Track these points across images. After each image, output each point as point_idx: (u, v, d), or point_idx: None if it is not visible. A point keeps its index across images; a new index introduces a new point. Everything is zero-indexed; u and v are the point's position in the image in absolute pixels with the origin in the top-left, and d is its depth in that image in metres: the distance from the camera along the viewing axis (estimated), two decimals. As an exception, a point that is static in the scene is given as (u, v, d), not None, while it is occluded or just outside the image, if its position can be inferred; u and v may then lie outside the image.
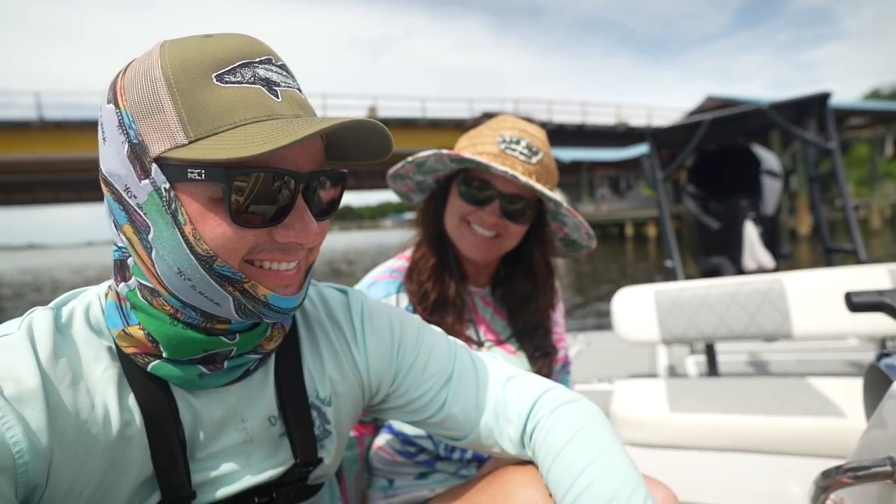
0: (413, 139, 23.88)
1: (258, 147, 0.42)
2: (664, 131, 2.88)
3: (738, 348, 3.20)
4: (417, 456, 0.98)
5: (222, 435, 0.57)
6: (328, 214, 0.55)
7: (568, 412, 0.63)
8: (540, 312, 1.07)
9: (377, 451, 1.01)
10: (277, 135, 0.43)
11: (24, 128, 20.34)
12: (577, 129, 28.95)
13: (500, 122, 0.99)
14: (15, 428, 0.43)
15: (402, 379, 0.69)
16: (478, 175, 0.95)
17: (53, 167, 26.42)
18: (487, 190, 0.94)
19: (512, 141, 0.94)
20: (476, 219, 0.96)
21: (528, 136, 0.96)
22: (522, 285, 1.06)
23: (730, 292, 1.88)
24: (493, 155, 0.93)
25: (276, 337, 0.60)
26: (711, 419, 1.50)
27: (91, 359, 0.51)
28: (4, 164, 24.59)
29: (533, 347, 1.04)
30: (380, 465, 1.01)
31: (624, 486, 0.53)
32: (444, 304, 1.00)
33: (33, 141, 20.51)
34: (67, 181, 33.62)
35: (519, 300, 1.06)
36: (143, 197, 0.47)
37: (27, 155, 21.65)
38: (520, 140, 0.95)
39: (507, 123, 0.98)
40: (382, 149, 0.55)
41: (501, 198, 0.94)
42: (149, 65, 0.47)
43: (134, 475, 0.51)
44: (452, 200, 1.00)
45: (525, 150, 0.94)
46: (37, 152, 21.18)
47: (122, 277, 0.53)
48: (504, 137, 0.94)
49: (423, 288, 1.00)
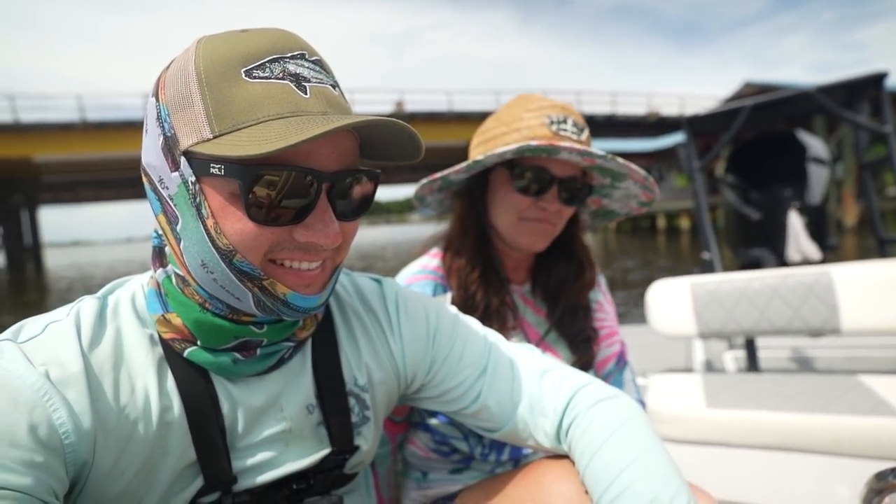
0: (440, 133, 23.85)
1: (271, 144, 0.42)
2: (701, 119, 2.78)
3: (780, 343, 3.08)
4: (451, 455, 0.96)
5: (261, 423, 0.58)
6: (357, 215, 0.54)
7: (607, 408, 0.62)
8: (582, 292, 1.02)
9: (411, 447, 1.00)
10: (294, 132, 0.42)
11: (68, 129, 21.29)
12: (607, 120, 28.35)
13: (534, 103, 0.93)
14: (60, 410, 0.45)
15: (438, 369, 0.69)
16: (531, 163, 0.89)
17: (95, 167, 27.61)
18: (544, 177, 0.89)
19: (560, 121, 0.89)
20: (535, 210, 0.91)
21: (570, 114, 0.91)
22: (563, 268, 1.02)
23: (772, 285, 1.81)
24: (548, 138, 0.88)
25: (309, 325, 0.60)
26: (751, 416, 1.45)
27: (133, 345, 0.52)
28: (50, 165, 25.84)
29: (574, 332, 0.99)
30: (414, 459, 1.00)
31: (666, 489, 0.52)
32: (490, 313, 0.96)
33: (76, 142, 21.45)
34: (108, 180, 35.04)
35: (559, 283, 1.01)
36: (173, 189, 0.48)
37: (71, 155, 22.71)
38: (566, 118, 0.90)
39: (544, 103, 0.93)
40: (413, 149, 0.53)
41: (559, 183, 0.89)
42: (185, 60, 0.48)
43: (175, 459, 0.52)
44: (503, 196, 0.93)
45: (573, 127, 0.90)
46: (79, 152, 22.17)
47: (161, 264, 0.55)
48: (552, 118, 0.89)
49: (471, 300, 0.95)
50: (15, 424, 0.42)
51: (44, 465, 0.43)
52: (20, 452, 0.42)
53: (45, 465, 0.43)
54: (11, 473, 0.41)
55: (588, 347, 1.00)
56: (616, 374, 1.06)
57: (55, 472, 0.44)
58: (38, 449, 0.43)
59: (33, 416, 0.43)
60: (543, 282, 1.03)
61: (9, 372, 0.44)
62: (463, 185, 1.00)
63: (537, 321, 1.02)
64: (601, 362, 1.04)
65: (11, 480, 0.41)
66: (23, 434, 0.42)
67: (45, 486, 0.43)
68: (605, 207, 1.04)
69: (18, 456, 0.42)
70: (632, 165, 0.87)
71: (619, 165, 0.87)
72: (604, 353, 1.04)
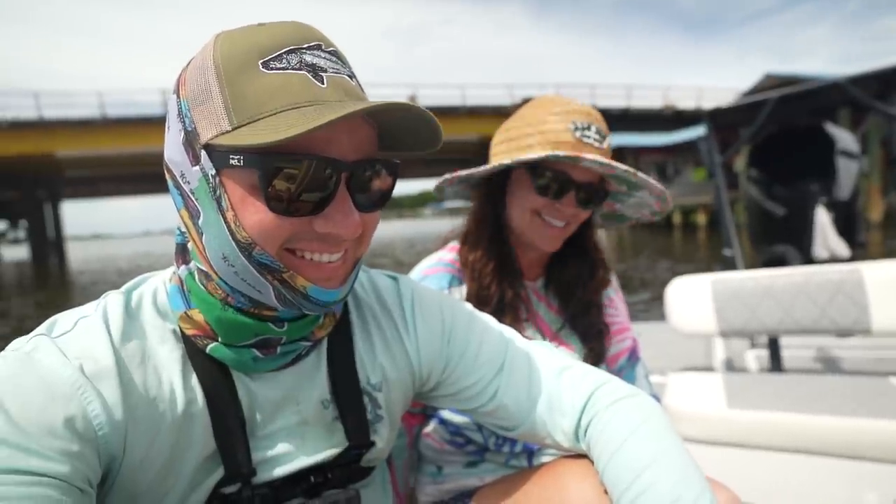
0: (453, 127, 23.79)
1: (288, 131, 0.42)
2: (723, 112, 2.72)
3: (806, 343, 3.01)
4: (466, 447, 0.97)
5: (278, 417, 0.58)
6: (377, 206, 0.54)
7: (626, 407, 0.61)
8: (595, 290, 1.05)
9: (426, 439, 1.01)
10: (310, 119, 0.43)
11: (89, 125, 21.73)
12: (622, 114, 27.96)
13: (560, 106, 0.95)
14: (94, 402, 0.47)
15: (454, 367, 0.69)
16: (552, 166, 0.91)
17: (114, 162, 28.14)
18: (564, 181, 0.91)
19: (584, 127, 0.91)
20: (551, 211, 0.94)
21: (594, 120, 0.93)
22: (576, 267, 1.04)
23: (797, 283, 1.76)
24: (572, 144, 0.90)
25: (328, 324, 0.60)
26: (774, 417, 1.41)
27: (158, 340, 0.54)
28: (72, 161, 26.40)
29: (585, 326, 1.02)
30: (428, 452, 1.01)
31: (688, 490, 0.50)
32: (503, 305, 0.98)
33: (96, 137, 21.90)
34: (126, 175, 35.68)
35: (572, 281, 1.04)
36: (194, 183, 0.49)
37: (91, 151, 23.19)
38: (590, 125, 0.92)
39: (570, 107, 0.94)
40: (432, 137, 0.53)
41: (577, 187, 0.92)
42: (204, 55, 0.49)
43: (198, 451, 0.54)
44: (521, 195, 0.96)
45: (596, 135, 0.92)
46: (99, 148, 22.64)
47: (183, 260, 0.56)
48: (576, 124, 0.91)
49: (484, 293, 0.97)
50: (53, 416, 0.44)
51: (79, 454, 0.45)
52: (58, 442, 0.43)
53: (81, 454, 0.45)
54: (51, 462, 0.43)
55: (600, 341, 1.02)
56: (628, 369, 1.07)
57: (90, 462, 0.46)
58: (75, 439, 0.45)
59: (69, 408, 0.45)
60: (556, 279, 1.06)
61: (46, 366, 0.46)
62: (481, 178, 1.01)
63: (550, 317, 1.04)
64: (613, 357, 1.05)
65: (51, 468, 0.42)
66: (60, 425, 0.44)
67: (81, 475, 0.45)
68: (618, 212, 1.06)
69: (57, 445, 0.43)
70: (650, 181, 0.90)
71: (639, 180, 0.90)
72: (615, 348, 1.06)
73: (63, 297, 12.82)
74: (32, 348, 0.47)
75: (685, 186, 26.95)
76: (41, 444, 0.43)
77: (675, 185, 28.07)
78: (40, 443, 0.43)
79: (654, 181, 0.90)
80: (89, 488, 0.46)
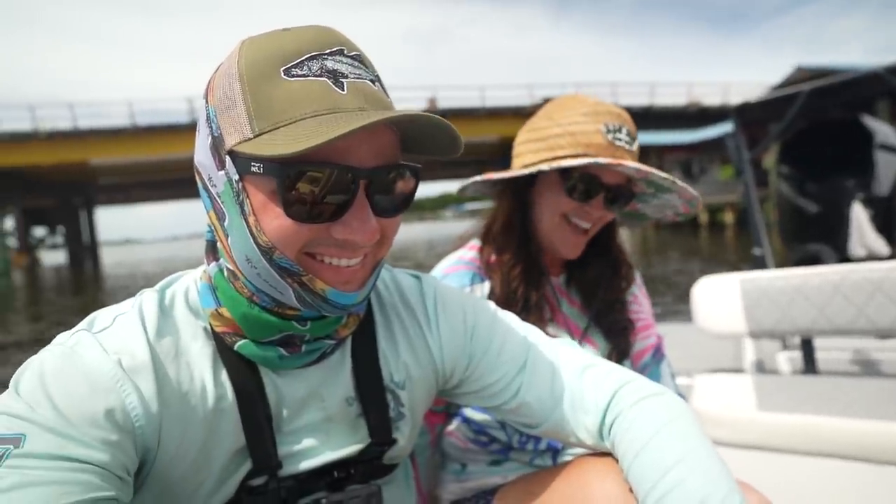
0: (472, 129, 23.78)
1: (302, 143, 0.43)
2: (752, 107, 2.63)
3: (842, 345, 2.89)
4: (490, 445, 0.97)
5: (304, 413, 0.60)
6: (398, 211, 0.54)
7: (652, 405, 0.61)
8: (618, 290, 1.04)
9: (449, 437, 1.01)
10: (326, 129, 0.43)
11: (120, 134, 22.54)
12: (645, 112, 27.48)
13: (589, 106, 0.94)
14: (132, 395, 0.49)
15: (476, 365, 0.69)
16: (583, 170, 0.91)
17: (143, 168, 29.12)
18: (594, 183, 0.91)
19: (616, 129, 0.91)
20: (580, 213, 0.94)
21: (624, 121, 0.93)
22: (598, 265, 1.03)
23: (833, 282, 1.70)
24: (603, 147, 0.91)
25: (351, 323, 0.61)
26: (808, 420, 1.36)
27: (190, 337, 0.56)
28: (104, 168, 27.42)
29: (609, 323, 1.01)
30: (452, 450, 1.01)
31: (716, 490, 0.49)
32: (529, 306, 0.98)
33: (127, 145, 22.73)
34: (155, 181, 36.83)
35: (595, 281, 1.03)
36: (220, 187, 0.50)
37: (122, 158, 24.07)
38: (621, 127, 0.92)
39: (600, 108, 0.94)
40: (451, 144, 0.53)
41: (606, 190, 0.92)
42: (230, 62, 0.50)
43: (228, 445, 0.55)
44: (550, 196, 0.96)
45: (627, 137, 0.92)
46: (130, 156, 23.47)
47: (214, 258, 0.58)
48: (608, 126, 0.91)
49: (514, 295, 0.97)
50: (95, 407, 0.46)
51: (119, 444, 0.47)
52: (100, 432, 0.46)
53: (120, 444, 0.47)
54: (93, 450, 0.45)
55: (625, 338, 1.01)
56: (653, 366, 1.06)
57: (128, 452, 0.48)
58: (114, 430, 0.47)
59: (109, 400, 0.47)
60: (578, 276, 1.06)
61: (88, 359, 0.48)
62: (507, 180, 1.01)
63: (574, 313, 1.04)
64: (637, 354, 1.05)
65: (93, 456, 0.45)
66: (101, 416, 0.46)
67: (120, 464, 0.47)
68: (639, 211, 1.06)
69: (98, 435, 0.46)
70: (685, 186, 0.90)
71: (676, 187, 0.91)
72: (640, 345, 1.05)
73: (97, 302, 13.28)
74: (75, 342, 0.50)
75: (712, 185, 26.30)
76: (84, 434, 0.45)
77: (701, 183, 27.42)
78: (83, 432, 0.45)
79: (687, 186, 0.90)
80: (127, 476, 0.48)
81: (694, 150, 27.19)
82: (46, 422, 0.44)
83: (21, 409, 0.45)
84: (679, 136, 25.27)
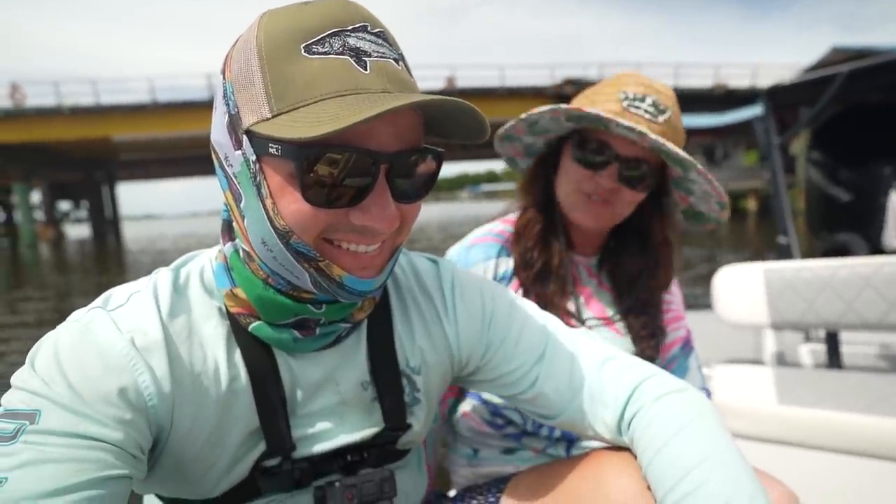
0: (491, 109, 23.44)
1: (323, 127, 0.41)
2: (784, 90, 2.53)
3: (870, 339, 2.81)
4: (505, 428, 0.96)
5: (318, 396, 0.60)
6: (419, 196, 0.52)
7: (674, 402, 0.60)
8: (651, 291, 0.99)
9: (464, 417, 1.01)
10: (348, 113, 0.41)
11: (141, 110, 22.78)
12: (669, 94, 26.76)
13: (622, 79, 0.91)
14: (145, 374, 0.49)
15: (493, 353, 0.68)
16: (595, 136, 0.88)
17: (164, 145, 29.49)
18: (605, 152, 0.88)
19: (636, 98, 0.87)
20: (591, 184, 0.90)
21: (655, 93, 0.88)
22: (635, 260, 0.99)
23: (863, 274, 1.64)
24: (615, 112, 0.86)
25: (367, 307, 0.61)
26: (830, 416, 1.34)
27: (203, 317, 0.55)
28: (126, 144, 27.82)
29: (639, 325, 0.97)
30: (466, 433, 1.00)
31: (740, 492, 0.48)
32: (547, 274, 0.95)
33: (148, 121, 22.99)
34: (175, 158, 37.31)
35: (629, 276, 0.99)
36: (237, 167, 0.49)
37: (143, 134, 24.38)
38: (645, 97, 0.87)
39: (631, 79, 0.90)
40: (478, 129, 0.52)
41: (620, 161, 0.87)
42: (249, 36, 0.48)
43: (242, 426, 0.55)
44: (566, 165, 0.94)
45: (651, 107, 0.87)
46: (150, 132, 23.75)
47: (229, 237, 0.57)
48: (627, 94, 0.87)
49: (529, 256, 0.96)
50: (108, 386, 0.47)
51: (132, 422, 0.47)
52: (113, 410, 0.46)
53: (133, 422, 0.47)
54: (106, 428, 0.45)
55: (652, 345, 0.97)
56: (681, 358, 1.03)
57: (141, 431, 0.48)
58: (128, 408, 0.47)
59: (122, 379, 0.47)
60: (612, 263, 1.01)
61: (101, 338, 0.48)
62: (542, 150, 1.01)
63: (602, 295, 1.01)
64: (666, 346, 1.02)
65: (107, 434, 0.45)
66: (114, 394, 0.47)
67: (134, 442, 0.47)
68: (693, 207, 1.00)
69: (112, 413, 0.46)
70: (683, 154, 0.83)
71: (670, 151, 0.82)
72: (669, 337, 1.02)
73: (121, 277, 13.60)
74: (90, 320, 0.50)
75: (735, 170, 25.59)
76: (98, 412, 0.45)
77: (724, 168, 26.69)
78: (97, 410, 0.45)
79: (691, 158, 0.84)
80: (141, 455, 0.48)
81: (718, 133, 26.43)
82: (61, 399, 0.45)
83: (37, 385, 0.45)
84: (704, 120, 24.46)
